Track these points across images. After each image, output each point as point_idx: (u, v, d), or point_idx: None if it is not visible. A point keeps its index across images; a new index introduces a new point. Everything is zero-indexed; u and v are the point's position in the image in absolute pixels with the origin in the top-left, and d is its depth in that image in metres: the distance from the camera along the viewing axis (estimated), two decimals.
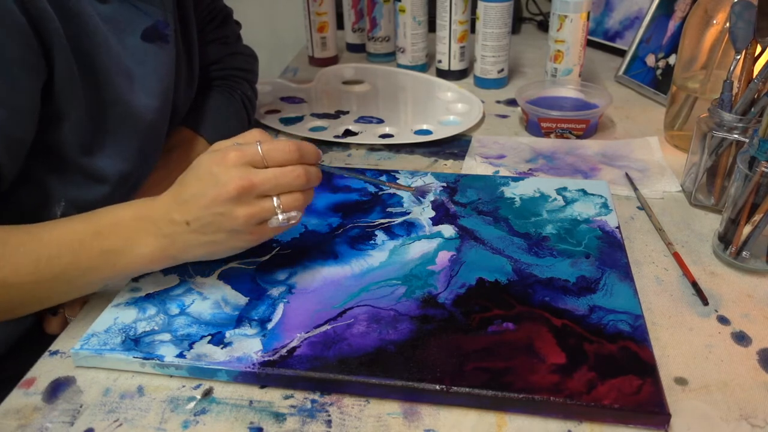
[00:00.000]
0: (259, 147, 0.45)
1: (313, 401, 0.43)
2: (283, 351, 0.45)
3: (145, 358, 0.45)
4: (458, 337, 0.46)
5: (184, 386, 0.45)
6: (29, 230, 0.46)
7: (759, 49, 0.59)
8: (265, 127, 0.84)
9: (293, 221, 0.47)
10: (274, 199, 0.46)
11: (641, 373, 0.42)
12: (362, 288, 0.51)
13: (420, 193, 0.54)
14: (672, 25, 0.89)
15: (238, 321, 0.48)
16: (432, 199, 0.63)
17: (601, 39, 1.09)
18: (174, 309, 0.49)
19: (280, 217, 0.46)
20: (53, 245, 0.45)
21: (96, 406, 0.43)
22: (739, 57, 0.61)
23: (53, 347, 0.48)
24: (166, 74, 0.58)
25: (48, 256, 0.45)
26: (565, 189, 0.65)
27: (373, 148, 0.78)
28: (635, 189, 0.66)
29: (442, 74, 1.00)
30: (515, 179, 0.67)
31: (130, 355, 0.45)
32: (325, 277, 0.53)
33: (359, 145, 0.79)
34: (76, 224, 0.47)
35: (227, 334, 0.47)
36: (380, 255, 0.55)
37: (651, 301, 0.52)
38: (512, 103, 0.90)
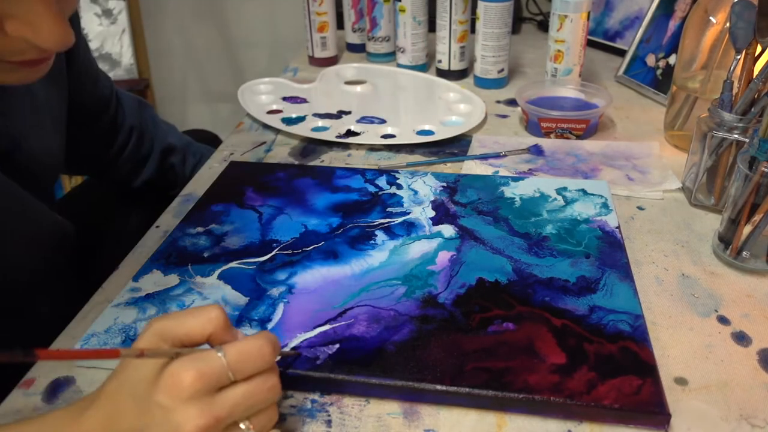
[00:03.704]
0: (222, 356, 0.34)
1: (313, 401, 0.43)
2: (283, 351, 0.45)
3: None
4: (458, 337, 0.46)
5: None
6: None
7: (759, 49, 0.59)
8: (267, 127, 0.84)
9: None
10: (242, 425, 0.35)
11: (641, 373, 0.42)
12: (362, 288, 0.51)
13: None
14: (672, 25, 0.89)
15: (238, 321, 0.48)
16: (432, 198, 0.63)
17: (601, 39, 1.09)
18: (174, 309, 0.49)
19: None
20: None
21: None
22: (739, 57, 0.60)
23: (53, 347, 0.48)
24: None
25: None
26: (565, 189, 0.65)
27: (373, 148, 0.78)
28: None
29: (442, 74, 1.00)
30: (515, 179, 0.67)
31: None
32: (325, 277, 0.53)
33: (359, 145, 0.79)
34: None
35: None
36: (380, 255, 0.55)
37: (651, 301, 0.52)
38: (512, 103, 0.90)
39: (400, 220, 0.60)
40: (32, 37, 0.37)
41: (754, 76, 0.58)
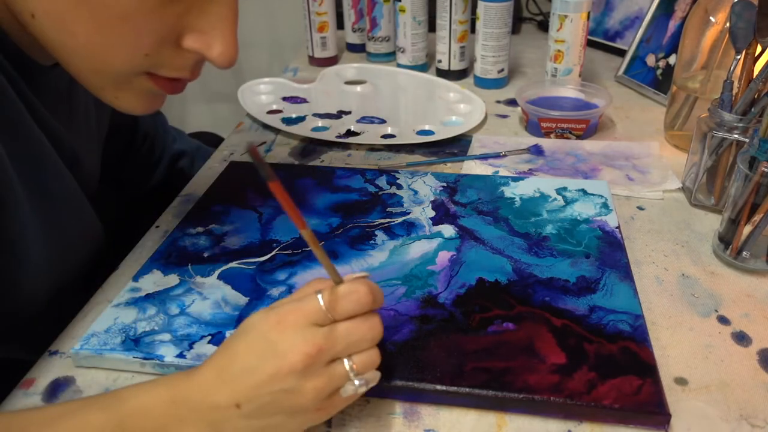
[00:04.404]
0: (320, 298, 0.37)
1: None
2: None
3: (145, 359, 0.45)
4: (458, 337, 0.46)
5: None
6: (27, 428, 0.36)
7: (759, 49, 0.59)
8: (267, 127, 0.84)
9: (372, 384, 0.39)
10: (345, 361, 0.37)
11: (641, 373, 0.42)
12: None
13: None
14: (672, 25, 0.89)
15: (238, 321, 0.48)
16: (432, 198, 0.63)
17: (601, 39, 1.09)
18: (174, 309, 0.49)
19: (357, 382, 0.38)
20: None
21: None
22: (739, 57, 0.60)
23: (53, 347, 0.48)
24: None
25: None
26: (565, 189, 0.65)
27: (373, 148, 0.78)
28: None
29: (442, 74, 1.00)
30: (515, 179, 0.67)
31: (130, 355, 0.45)
32: (325, 277, 0.52)
33: (359, 145, 0.79)
34: (92, 414, 0.36)
35: (227, 334, 0.47)
36: (380, 255, 0.55)
37: (651, 301, 0.52)
38: (512, 103, 0.90)
39: (400, 220, 0.60)
40: (206, 51, 0.40)
41: (754, 76, 0.58)
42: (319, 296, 0.37)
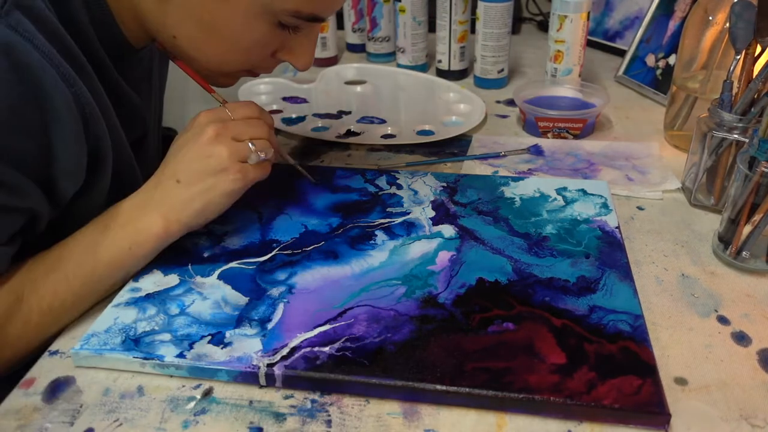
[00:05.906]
0: (225, 108, 0.54)
1: (313, 401, 0.43)
2: (284, 351, 0.45)
3: (145, 358, 0.45)
4: (458, 337, 0.46)
5: (184, 386, 0.45)
6: (49, 254, 0.50)
7: (759, 49, 0.59)
8: None
9: (269, 155, 0.55)
10: (250, 145, 0.53)
11: (641, 373, 0.42)
12: (362, 288, 0.51)
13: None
14: (672, 25, 0.89)
15: (238, 321, 0.48)
16: (432, 198, 0.63)
17: (601, 39, 1.10)
18: (174, 309, 0.49)
19: (260, 154, 0.54)
20: (72, 258, 0.49)
21: (96, 406, 0.43)
22: (739, 57, 0.61)
23: (53, 347, 0.48)
24: None
25: (73, 271, 0.49)
26: (565, 189, 0.65)
27: (373, 148, 0.78)
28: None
29: (442, 74, 1.00)
30: (515, 179, 0.67)
31: (130, 355, 0.45)
32: (325, 277, 0.53)
33: (359, 145, 0.79)
34: (87, 229, 0.51)
35: (227, 334, 0.47)
36: (380, 255, 0.55)
37: (651, 301, 0.52)
38: (512, 103, 0.90)
39: (400, 220, 0.60)
40: (294, 61, 0.56)
41: (754, 76, 0.58)
42: (223, 105, 0.55)
